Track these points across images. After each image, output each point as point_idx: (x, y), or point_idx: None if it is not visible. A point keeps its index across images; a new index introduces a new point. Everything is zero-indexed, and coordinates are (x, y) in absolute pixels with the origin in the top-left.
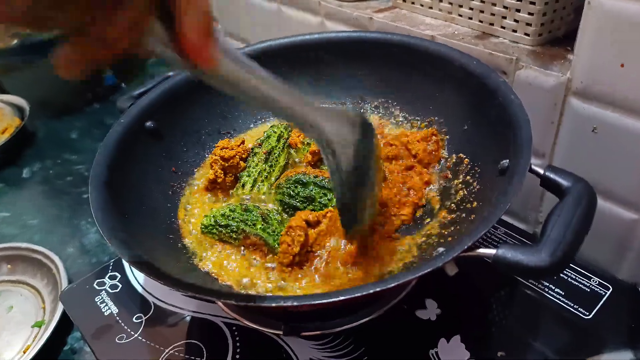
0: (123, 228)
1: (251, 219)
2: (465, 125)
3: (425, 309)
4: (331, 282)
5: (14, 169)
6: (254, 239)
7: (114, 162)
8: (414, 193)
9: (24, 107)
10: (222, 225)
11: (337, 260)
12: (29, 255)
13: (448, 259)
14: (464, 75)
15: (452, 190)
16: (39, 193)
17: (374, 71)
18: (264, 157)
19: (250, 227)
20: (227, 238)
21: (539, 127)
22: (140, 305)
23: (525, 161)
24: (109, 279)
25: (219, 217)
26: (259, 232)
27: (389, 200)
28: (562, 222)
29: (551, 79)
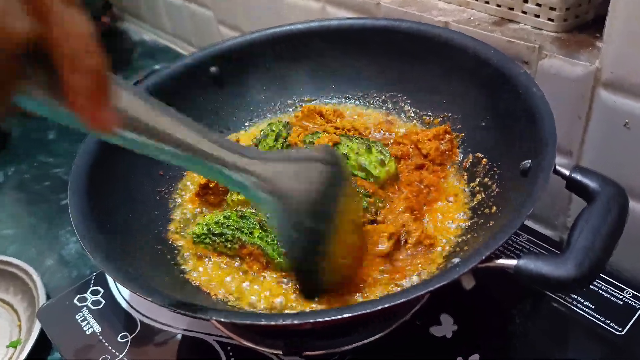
0: (106, 239)
1: (248, 227)
2: (483, 122)
3: (440, 325)
4: (336, 297)
5: None
6: (251, 248)
7: (95, 166)
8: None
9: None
10: (215, 234)
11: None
12: (3, 268)
13: (464, 270)
14: (480, 66)
15: (469, 194)
16: (14, 200)
17: (381, 62)
18: None
19: (247, 235)
20: (222, 248)
21: (565, 123)
22: (126, 323)
23: (549, 161)
24: (90, 295)
25: (213, 225)
26: (257, 241)
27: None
28: (590, 229)
29: (578, 68)
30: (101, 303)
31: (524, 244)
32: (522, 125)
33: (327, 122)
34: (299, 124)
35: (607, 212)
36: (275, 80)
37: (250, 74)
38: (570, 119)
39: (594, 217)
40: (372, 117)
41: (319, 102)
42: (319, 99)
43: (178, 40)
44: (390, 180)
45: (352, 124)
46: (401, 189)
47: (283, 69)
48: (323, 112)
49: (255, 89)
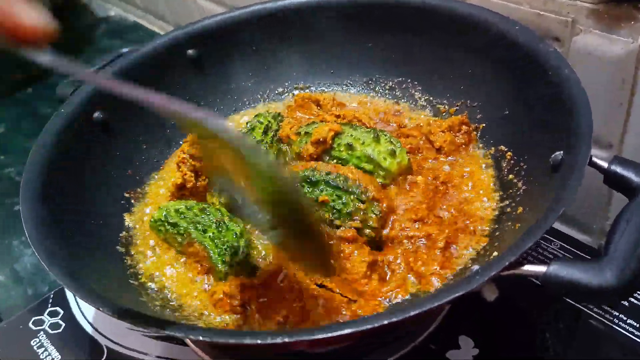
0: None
1: (204, 223)
2: (506, 110)
3: (458, 349)
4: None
5: None
6: (198, 248)
7: (52, 165)
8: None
9: None
10: (170, 223)
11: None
12: None
13: (485, 278)
14: (504, 45)
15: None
16: None
17: (388, 42)
18: None
19: (199, 232)
20: (172, 240)
21: (603, 110)
22: (90, 350)
23: (584, 153)
24: (48, 316)
25: (172, 212)
26: (206, 241)
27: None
28: (632, 230)
29: (618, 46)
30: (61, 326)
31: (556, 252)
32: (553, 114)
33: (325, 111)
34: (291, 114)
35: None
36: (264, 64)
37: (234, 57)
38: (609, 106)
39: (637, 216)
40: (377, 106)
41: (315, 90)
42: (314, 86)
43: (150, 17)
44: (403, 174)
45: (354, 114)
46: (412, 189)
47: (273, 51)
48: (320, 100)
49: (240, 75)
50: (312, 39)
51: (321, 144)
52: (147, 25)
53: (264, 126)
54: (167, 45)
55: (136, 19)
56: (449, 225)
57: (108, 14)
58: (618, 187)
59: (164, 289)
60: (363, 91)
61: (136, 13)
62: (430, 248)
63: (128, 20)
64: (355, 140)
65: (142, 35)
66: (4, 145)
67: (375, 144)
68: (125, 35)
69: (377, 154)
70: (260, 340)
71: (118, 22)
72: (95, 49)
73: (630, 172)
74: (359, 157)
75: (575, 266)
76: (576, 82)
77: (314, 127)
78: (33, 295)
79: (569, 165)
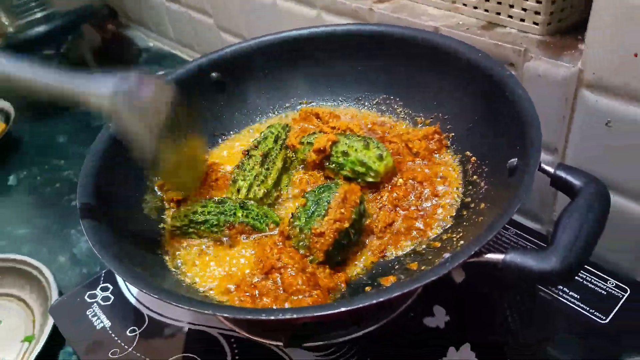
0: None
1: (229, 209)
2: (472, 122)
3: (433, 317)
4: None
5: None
6: (240, 227)
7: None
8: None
9: (8, 112)
10: (199, 222)
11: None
12: (17, 267)
13: (454, 265)
14: (469, 69)
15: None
16: (26, 201)
17: (374, 66)
18: (260, 159)
19: (232, 216)
20: (207, 233)
21: (550, 122)
22: (134, 318)
23: (534, 161)
24: (100, 291)
25: (192, 215)
26: (244, 219)
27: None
28: (573, 225)
29: (562, 70)
30: (110, 299)
31: (511, 237)
32: (509, 126)
33: (324, 123)
34: (297, 125)
35: (590, 209)
36: (274, 85)
37: (250, 79)
38: (555, 119)
39: (577, 214)
40: (366, 118)
41: (316, 105)
42: (315, 102)
43: (181, 47)
44: (389, 174)
45: (347, 125)
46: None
47: (281, 73)
48: (319, 113)
49: (255, 93)
50: (313, 63)
51: (321, 152)
52: (179, 54)
53: (274, 136)
54: (194, 69)
55: (170, 49)
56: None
57: (148, 45)
58: (562, 188)
59: (192, 270)
60: (354, 105)
61: (170, 44)
62: (408, 229)
63: (164, 50)
64: (349, 147)
65: (175, 61)
66: (65, 152)
67: (366, 150)
68: (162, 62)
69: (368, 158)
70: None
71: (156, 51)
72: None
73: (572, 176)
74: (353, 161)
75: (527, 254)
76: (528, 101)
77: (315, 137)
78: (87, 274)
79: (522, 170)
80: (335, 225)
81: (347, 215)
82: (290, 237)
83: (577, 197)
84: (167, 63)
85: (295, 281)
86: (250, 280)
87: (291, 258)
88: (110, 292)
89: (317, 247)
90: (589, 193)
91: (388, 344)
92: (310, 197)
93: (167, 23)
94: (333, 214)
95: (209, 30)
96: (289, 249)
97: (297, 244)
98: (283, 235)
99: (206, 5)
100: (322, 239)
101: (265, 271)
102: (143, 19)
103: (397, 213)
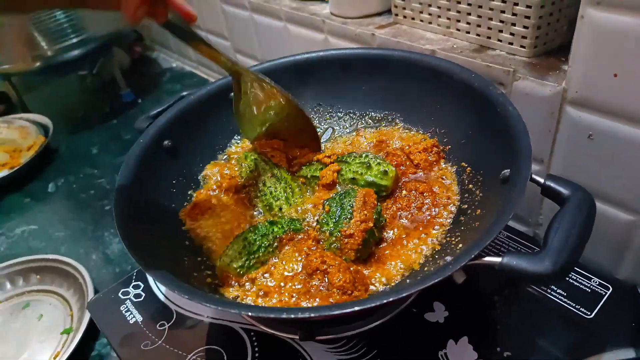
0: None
1: (266, 229)
2: (467, 136)
3: (433, 312)
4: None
5: (39, 184)
6: (286, 236)
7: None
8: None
9: (47, 125)
10: (255, 251)
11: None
12: (57, 266)
13: (456, 268)
14: (463, 88)
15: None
16: (64, 206)
17: (377, 85)
18: (273, 180)
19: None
20: (267, 256)
21: (537, 135)
22: (163, 313)
23: (525, 172)
24: (133, 289)
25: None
26: (287, 227)
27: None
28: (563, 230)
29: (547, 89)
30: (142, 296)
31: (503, 240)
32: (501, 139)
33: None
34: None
35: (578, 215)
36: None
37: None
38: (541, 133)
39: (566, 220)
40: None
41: (318, 124)
42: (318, 121)
43: (201, 67)
44: (396, 184)
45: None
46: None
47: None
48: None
49: None
50: (321, 82)
51: (330, 185)
52: (199, 74)
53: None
54: (215, 90)
55: (191, 69)
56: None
57: (171, 65)
58: (551, 197)
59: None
60: (358, 120)
61: (191, 64)
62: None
63: (185, 69)
64: (355, 173)
65: (196, 80)
66: (98, 162)
67: (369, 170)
68: (183, 81)
69: (374, 177)
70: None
71: (178, 71)
72: (162, 91)
73: (560, 186)
74: (362, 185)
75: (522, 257)
76: (518, 116)
77: (316, 170)
78: (119, 272)
79: (514, 180)
80: (362, 225)
81: (370, 216)
82: (320, 241)
83: (566, 204)
84: (188, 82)
85: (345, 278)
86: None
87: (334, 259)
88: (141, 289)
89: (349, 247)
90: (576, 201)
91: (393, 337)
92: (332, 204)
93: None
94: (358, 216)
95: (225, 52)
96: (328, 252)
97: (329, 247)
98: (316, 240)
99: (223, 29)
100: (352, 240)
101: (310, 272)
102: (166, 42)
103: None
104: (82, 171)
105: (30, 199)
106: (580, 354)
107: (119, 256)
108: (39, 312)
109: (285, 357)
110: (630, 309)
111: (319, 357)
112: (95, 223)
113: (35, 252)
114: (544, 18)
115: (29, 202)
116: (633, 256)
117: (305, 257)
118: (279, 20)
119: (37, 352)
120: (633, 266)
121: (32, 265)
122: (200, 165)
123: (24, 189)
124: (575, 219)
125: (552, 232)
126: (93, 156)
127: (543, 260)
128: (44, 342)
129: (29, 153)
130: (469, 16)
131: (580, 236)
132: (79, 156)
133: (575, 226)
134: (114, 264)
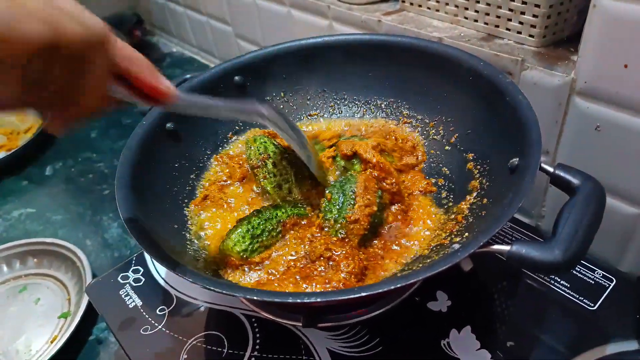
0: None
1: (270, 213)
2: (474, 125)
3: (436, 301)
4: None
5: (37, 167)
6: (290, 220)
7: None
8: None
9: None
10: (259, 234)
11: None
12: (54, 249)
13: (465, 255)
14: (471, 77)
15: None
16: (62, 190)
17: (383, 72)
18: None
19: (282, 214)
20: (270, 240)
21: (544, 126)
22: (163, 298)
23: (536, 161)
24: (132, 273)
25: (248, 233)
26: (290, 212)
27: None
28: (573, 219)
29: (556, 79)
30: (141, 280)
31: (507, 230)
32: (510, 128)
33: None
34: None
35: (588, 205)
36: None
37: (269, 83)
38: (548, 123)
39: (576, 210)
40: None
41: (324, 116)
42: (321, 111)
43: (202, 52)
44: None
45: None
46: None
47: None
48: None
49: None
50: (325, 68)
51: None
52: (199, 59)
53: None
54: (219, 73)
55: (191, 54)
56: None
57: (171, 50)
58: (561, 186)
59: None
60: (364, 107)
61: (191, 50)
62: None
63: (185, 55)
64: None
65: (196, 66)
66: (97, 146)
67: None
68: (183, 66)
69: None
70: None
71: (178, 56)
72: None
73: (570, 175)
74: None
75: (532, 245)
76: (528, 106)
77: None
78: (118, 257)
79: (523, 169)
80: (366, 210)
81: (373, 200)
82: (324, 229)
83: (576, 194)
84: (188, 67)
85: (353, 264)
86: (296, 267)
87: (341, 246)
88: (141, 274)
89: (354, 233)
90: (586, 190)
91: (395, 325)
92: (333, 191)
93: (189, 30)
94: (362, 201)
95: (227, 37)
96: (334, 238)
97: (334, 233)
98: (319, 227)
99: (226, 14)
100: (358, 225)
101: (314, 259)
102: (167, 26)
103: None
104: (80, 155)
105: (28, 182)
106: (583, 346)
107: (117, 240)
108: (36, 296)
109: (287, 344)
110: (634, 301)
111: (321, 344)
112: (93, 207)
113: (32, 235)
114: (554, 7)
115: (26, 185)
116: (637, 248)
117: (310, 243)
118: (282, 5)
119: (35, 336)
120: (637, 258)
121: (29, 249)
122: (203, 149)
123: (22, 172)
124: (586, 208)
125: (562, 221)
126: (92, 140)
127: (553, 249)
128: (42, 326)
129: (27, 135)
130: (477, 4)
131: (591, 226)
132: (77, 140)
133: (586, 216)
134: (112, 249)
